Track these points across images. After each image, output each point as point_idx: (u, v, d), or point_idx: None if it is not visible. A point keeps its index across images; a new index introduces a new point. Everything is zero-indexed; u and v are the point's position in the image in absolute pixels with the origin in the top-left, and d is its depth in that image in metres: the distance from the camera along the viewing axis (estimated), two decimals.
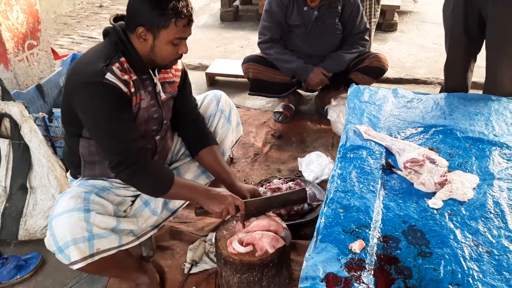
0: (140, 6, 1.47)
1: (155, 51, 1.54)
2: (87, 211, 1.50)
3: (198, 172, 1.93)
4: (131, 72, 1.55)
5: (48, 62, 2.69)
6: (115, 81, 1.48)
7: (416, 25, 4.87)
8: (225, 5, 5.02)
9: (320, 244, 1.44)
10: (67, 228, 1.46)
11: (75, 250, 1.45)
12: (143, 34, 1.50)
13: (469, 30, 2.44)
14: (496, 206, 1.59)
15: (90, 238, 1.48)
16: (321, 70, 2.84)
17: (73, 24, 5.07)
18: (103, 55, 1.51)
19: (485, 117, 2.11)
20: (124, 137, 1.54)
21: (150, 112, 1.66)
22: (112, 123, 1.51)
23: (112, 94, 1.49)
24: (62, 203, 1.52)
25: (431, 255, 1.40)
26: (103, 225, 1.52)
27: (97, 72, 1.46)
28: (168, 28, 1.48)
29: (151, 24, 1.48)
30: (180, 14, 1.48)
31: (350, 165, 1.81)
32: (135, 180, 1.59)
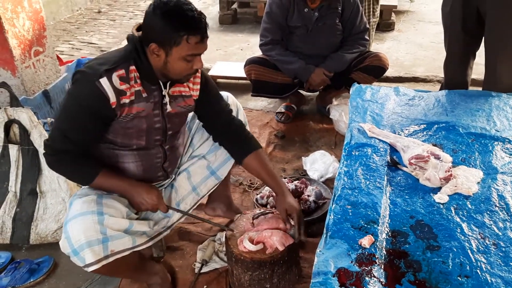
0: (153, 22, 1.47)
1: (167, 67, 1.53)
2: (101, 214, 1.52)
3: (207, 173, 1.94)
4: (136, 82, 1.55)
5: (54, 68, 2.72)
6: (107, 88, 1.48)
7: (413, 24, 4.92)
8: (224, 8, 5.06)
9: (330, 240, 1.47)
10: (81, 231, 1.48)
11: (89, 253, 1.47)
12: (156, 50, 1.50)
13: (467, 27, 2.47)
14: (501, 199, 1.62)
15: (104, 240, 1.50)
16: (323, 71, 2.88)
17: (73, 30, 5.09)
18: (113, 59, 1.53)
19: (486, 113, 2.15)
20: (73, 137, 1.54)
21: (151, 122, 1.64)
22: (73, 120, 1.53)
23: (93, 98, 1.48)
24: (76, 207, 1.54)
25: (439, 249, 1.43)
26: (117, 227, 1.54)
27: (97, 72, 1.48)
28: (180, 45, 1.47)
29: (163, 42, 1.47)
30: (192, 31, 1.46)
31: (356, 163, 1.84)
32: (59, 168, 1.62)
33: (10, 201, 2.14)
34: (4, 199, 2.14)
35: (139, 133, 1.64)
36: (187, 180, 1.89)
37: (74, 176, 1.66)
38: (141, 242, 1.64)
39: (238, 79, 3.57)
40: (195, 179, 1.91)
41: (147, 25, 1.50)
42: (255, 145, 1.85)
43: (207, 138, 1.95)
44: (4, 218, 2.12)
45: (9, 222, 2.12)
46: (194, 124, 1.97)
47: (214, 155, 1.94)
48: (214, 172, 1.94)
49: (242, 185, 2.49)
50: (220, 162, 1.95)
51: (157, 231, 1.74)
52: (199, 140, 1.96)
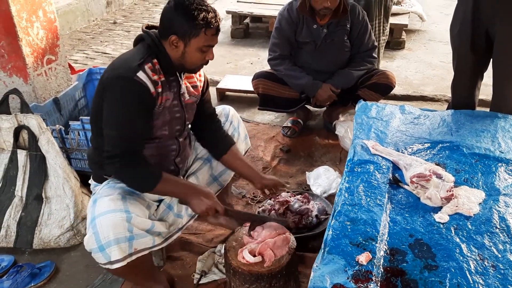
0: (173, 16, 1.60)
1: (185, 57, 1.66)
2: (128, 212, 1.57)
3: (210, 179, 2.03)
4: (160, 73, 1.66)
5: (65, 76, 2.77)
6: (145, 80, 1.59)
7: (424, 43, 4.93)
8: (236, 22, 5.13)
9: (327, 255, 1.47)
10: (110, 228, 1.52)
11: (116, 249, 1.51)
12: (175, 42, 1.63)
13: (476, 48, 2.48)
14: (502, 221, 1.61)
15: (131, 238, 1.55)
16: (330, 86, 2.90)
17: (88, 40, 5.19)
18: (139, 56, 1.63)
19: (491, 134, 2.15)
20: (131, 137, 1.63)
21: (173, 112, 1.75)
22: (127, 118, 1.61)
23: (139, 92, 1.59)
24: (103, 204, 1.58)
25: (437, 269, 1.42)
26: (141, 226, 1.60)
27: (131, 69, 1.58)
28: (198, 37, 1.61)
29: (183, 33, 1.61)
30: (209, 25, 1.61)
31: (358, 179, 1.85)
32: (124, 175, 1.65)
33: (16, 205, 2.17)
34: (10, 203, 2.18)
35: (163, 125, 1.73)
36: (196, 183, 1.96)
37: (138, 182, 1.67)
38: (159, 242, 1.70)
39: (246, 92, 3.60)
40: (201, 183, 1.98)
41: (167, 19, 1.63)
42: (229, 142, 1.99)
43: None
44: (9, 222, 2.16)
45: (13, 226, 2.15)
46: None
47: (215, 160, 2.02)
48: (216, 178, 2.04)
49: (245, 198, 2.50)
50: (222, 169, 2.05)
51: (171, 232, 1.79)
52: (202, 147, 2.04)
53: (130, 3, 6.52)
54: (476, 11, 2.37)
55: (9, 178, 2.21)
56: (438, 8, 6.08)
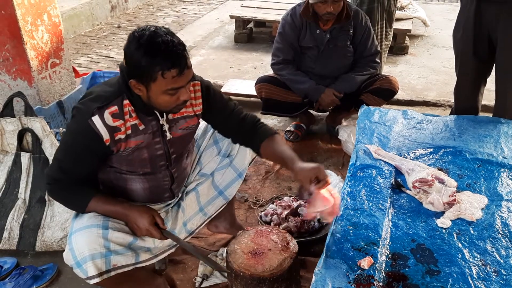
0: (130, 57, 1.42)
1: (151, 101, 1.49)
2: (106, 228, 1.53)
3: (215, 193, 1.91)
4: (132, 116, 1.54)
5: (69, 80, 2.79)
6: (99, 127, 1.48)
7: (427, 49, 4.93)
8: (239, 27, 5.14)
9: (329, 259, 1.48)
10: (85, 244, 1.48)
11: (92, 266, 1.47)
12: (136, 86, 1.46)
13: (479, 54, 2.48)
14: (505, 226, 1.61)
15: (107, 254, 1.50)
16: (333, 91, 2.90)
17: (92, 44, 5.22)
18: (105, 95, 1.51)
19: (494, 140, 2.14)
20: (69, 171, 1.56)
21: (153, 150, 1.63)
22: (69, 155, 1.55)
23: (87, 137, 1.50)
24: (82, 219, 1.56)
25: (439, 274, 1.42)
26: (120, 241, 1.55)
27: (88, 109, 1.48)
28: (156, 81, 1.41)
29: (140, 77, 1.43)
30: (166, 66, 1.39)
31: (360, 184, 1.85)
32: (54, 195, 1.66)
33: (19, 208, 2.18)
34: (13, 205, 2.19)
35: (142, 162, 1.65)
36: (196, 200, 1.88)
37: (69, 204, 1.63)
38: (145, 259, 1.64)
39: (250, 96, 3.61)
40: (203, 199, 1.89)
41: (126, 60, 1.46)
42: (267, 132, 1.77)
43: (215, 156, 1.92)
44: (12, 224, 2.16)
45: (16, 229, 2.16)
46: (204, 141, 1.95)
47: (221, 174, 1.91)
48: (222, 192, 1.92)
49: (248, 202, 2.50)
50: (227, 182, 1.91)
51: (161, 249, 1.72)
52: (207, 158, 1.93)
53: (134, 8, 6.56)
54: (478, 17, 2.37)
55: (13, 180, 2.22)
56: (442, 13, 6.08)
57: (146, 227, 1.57)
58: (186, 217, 1.86)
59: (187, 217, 1.86)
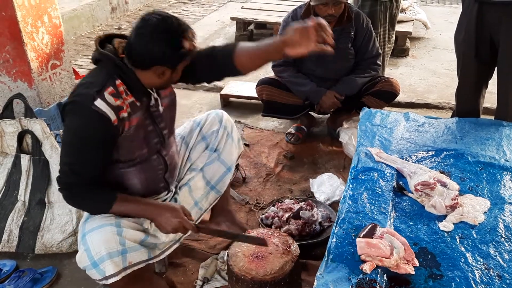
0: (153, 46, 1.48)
1: (167, 81, 1.60)
2: (119, 226, 1.54)
3: (207, 188, 1.96)
4: (128, 94, 1.56)
5: (70, 81, 2.78)
6: (105, 108, 1.48)
7: (428, 51, 4.92)
8: (240, 29, 5.13)
9: (331, 263, 1.47)
10: (101, 243, 1.49)
11: (110, 264, 1.48)
12: (161, 71, 1.54)
13: (480, 56, 2.47)
14: (507, 230, 1.60)
15: (123, 251, 1.51)
16: (334, 93, 2.89)
17: (92, 45, 5.17)
18: (98, 81, 1.52)
19: (496, 142, 2.13)
20: (82, 170, 1.55)
21: (145, 126, 1.66)
22: (80, 153, 1.53)
23: (96, 123, 1.49)
24: (93, 221, 1.56)
25: (442, 278, 1.41)
26: (134, 238, 1.57)
27: (87, 96, 1.48)
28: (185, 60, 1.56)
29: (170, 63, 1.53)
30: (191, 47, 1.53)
31: (362, 187, 1.84)
32: (72, 202, 1.61)
33: (19, 210, 2.17)
34: (13, 207, 2.17)
35: (140, 143, 1.66)
36: (189, 194, 1.91)
37: (92, 207, 1.61)
38: (155, 255, 1.67)
39: (250, 98, 3.60)
40: (196, 194, 1.93)
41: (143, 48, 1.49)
42: (231, 47, 1.69)
43: (203, 151, 1.99)
44: (12, 227, 2.15)
45: (16, 231, 2.15)
46: (191, 139, 2.01)
47: (210, 168, 1.97)
48: (213, 187, 1.98)
49: (248, 205, 2.49)
50: (218, 177, 1.98)
51: (167, 244, 1.74)
52: (196, 154, 1.99)
53: (135, 9, 6.55)
54: (480, 19, 2.37)
55: (12, 182, 2.21)
56: (443, 15, 6.07)
57: (179, 220, 1.59)
58: None
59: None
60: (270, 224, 2.22)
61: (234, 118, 3.34)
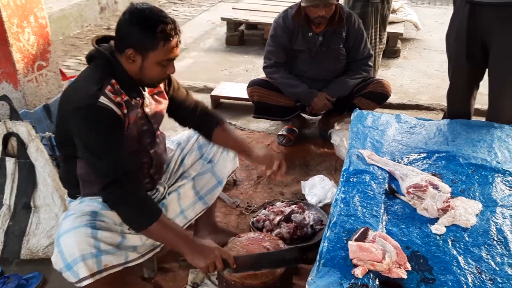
0: (130, 28, 1.51)
1: (143, 72, 1.57)
2: (94, 227, 1.52)
3: (195, 198, 1.93)
4: (122, 93, 1.58)
5: (56, 83, 2.74)
6: (109, 104, 1.51)
7: (419, 52, 4.94)
8: (231, 29, 5.11)
9: (322, 268, 1.44)
10: (75, 245, 1.47)
11: (83, 267, 1.46)
12: (132, 56, 1.54)
13: (472, 58, 2.47)
14: (499, 233, 1.59)
15: (98, 254, 1.49)
16: (325, 95, 2.88)
17: (81, 45, 5.15)
18: (95, 79, 1.54)
19: (487, 144, 2.13)
20: (117, 158, 1.54)
21: (139, 125, 1.68)
22: (105, 144, 1.53)
23: (106, 116, 1.51)
24: (68, 221, 1.54)
25: (434, 282, 1.39)
26: (110, 241, 1.54)
27: (90, 96, 1.49)
28: (156, 50, 1.52)
29: (140, 46, 1.52)
30: (168, 37, 1.52)
31: (353, 189, 1.82)
32: (121, 205, 1.56)
33: (4, 214, 2.12)
34: None
35: (132, 141, 1.66)
36: (177, 201, 1.88)
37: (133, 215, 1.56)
38: (133, 258, 1.63)
39: (241, 100, 3.57)
40: (184, 201, 1.90)
41: (123, 32, 1.54)
42: (216, 120, 1.91)
43: (197, 160, 1.97)
44: None
45: (1, 236, 2.10)
46: (187, 145, 2.00)
47: (202, 179, 1.94)
48: (202, 197, 1.94)
49: (239, 207, 2.46)
50: (208, 188, 1.95)
51: (148, 248, 1.71)
52: (190, 161, 1.97)
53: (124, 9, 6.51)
54: (472, 20, 2.36)
55: None
56: (433, 16, 6.10)
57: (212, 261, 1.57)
58: (169, 216, 1.84)
59: (170, 217, 1.84)
60: (261, 228, 2.20)
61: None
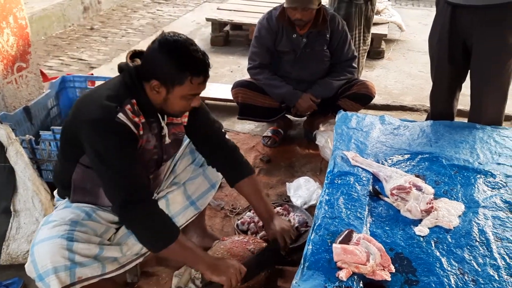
0: (157, 59, 1.48)
1: (167, 104, 1.55)
2: (71, 239, 1.48)
3: (186, 203, 1.89)
4: (140, 114, 1.55)
5: (37, 84, 2.69)
6: (127, 121, 1.49)
7: (403, 53, 4.97)
8: (216, 30, 5.08)
9: (307, 271, 1.44)
10: (48, 256, 1.43)
11: (55, 279, 1.42)
12: (157, 87, 1.51)
13: (454, 60, 2.49)
14: (481, 234, 1.60)
15: (72, 266, 1.45)
16: (310, 96, 2.88)
17: (63, 46, 5.07)
18: (116, 95, 1.52)
19: (470, 145, 2.15)
20: (133, 176, 1.51)
21: (151, 154, 1.66)
22: (121, 161, 1.49)
23: (123, 132, 1.49)
24: (45, 230, 1.50)
25: (417, 283, 1.40)
26: (86, 253, 1.50)
27: (110, 110, 1.47)
28: (183, 85, 1.49)
29: (166, 79, 1.49)
30: (198, 73, 1.49)
31: (338, 191, 1.82)
32: (138, 223, 1.52)
33: None
34: None
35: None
36: (166, 208, 1.83)
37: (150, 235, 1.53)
38: (112, 269, 1.59)
39: (226, 101, 3.55)
40: (173, 207, 1.85)
41: (150, 60, 1.51)
42: (249, 170, 1.88)
43: (188, 165, 1.94)
44: None
45: None
46: (179, 151, 1.95)
47: (194, 183, 1.91)
48: (194, 202, 1.91)
49: (224, 210, 2.44)
50: (200, 193, 1.92)
51: (129, 258, 1.67)
52: (181, 167, 1.94)
53: (108, 9, 6.42)
54: (454, 23, 2.39)
55: None
56: (417, 18, 6.16)
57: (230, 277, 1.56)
58: None
59: None
60: (246, 230, 2.19)
61: None
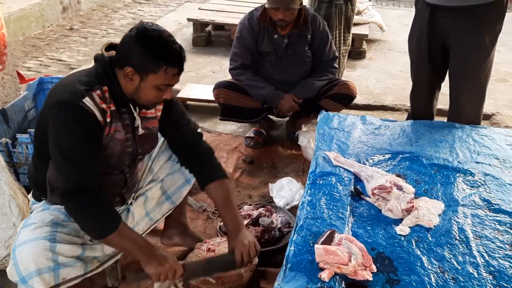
0: (134, 46, 1.46)
1: (139, 92, 1.53)
2: (53, 240, 1.46)
3: (162, 198, 1.90)
4: (111, 102, 1.54)
5: (14, 86, 2.64)
6: (92, 107, 1.46)
7: (384, 53, 5.02)
8: (197, 30, 5.05)
9: (289, 272, 1.44)
10: (31, 258, 1.41)
11: (39, 281, 1.41)
12: (130, 74, 1.49)
13: (433, 60, 2.52)
14: (461, 232, 1.62)
15: (56, 267, 1.44)
16: (292, 97, 2.88)
17: (42, 46, 4.98)
18: (87, 80, 1.51)
19: (449, 144, 2.18)
20: (85, 167, 1.49)
21: (124, 146, 1.63)
22: (77, 150, 1.47)
23: (86, 119, 1.46)
24: (26, 232, 1.48)
25: (399, 283, 1.41)
26: (69, 254, 1.49)
27: (76, 94, 1.45)
28: (156, 74, 1.47)
29: (141, 67, 1.47)
30: (172, 63, 1.47)
31: (320, 192, 1.82)
32: (79, 214, 1.51)
33: None
34: None
35: (110, 157, 1.60)
36: (143, 204, 1.85)
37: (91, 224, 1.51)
38: (93, 268, 1.59)
39: (208, 102, 3.53)
40: (150, 203, 1.86)
41: (126, 47, 1.50)
42: (220, 174, 1.82)
43: (165, 161, 1.93)
44: None
45: None
46: (156, 148, 1.92)
47: (171, 179, 1.91)
48: (169, 197, 1.91)
49: (206, 212, 2.43)
50: (176, 187, 1.92)
51: (108, 255, 1.66)
52: (159, 164, 1.93)
53: (87, 9, 6.33)
54: (432, 23, 2.42)
55: None
56: (397, 18, 6.23)
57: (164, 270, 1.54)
58: (134, 221, 1.82)
59: (135, 222, 1.83)
60: None
61: None
